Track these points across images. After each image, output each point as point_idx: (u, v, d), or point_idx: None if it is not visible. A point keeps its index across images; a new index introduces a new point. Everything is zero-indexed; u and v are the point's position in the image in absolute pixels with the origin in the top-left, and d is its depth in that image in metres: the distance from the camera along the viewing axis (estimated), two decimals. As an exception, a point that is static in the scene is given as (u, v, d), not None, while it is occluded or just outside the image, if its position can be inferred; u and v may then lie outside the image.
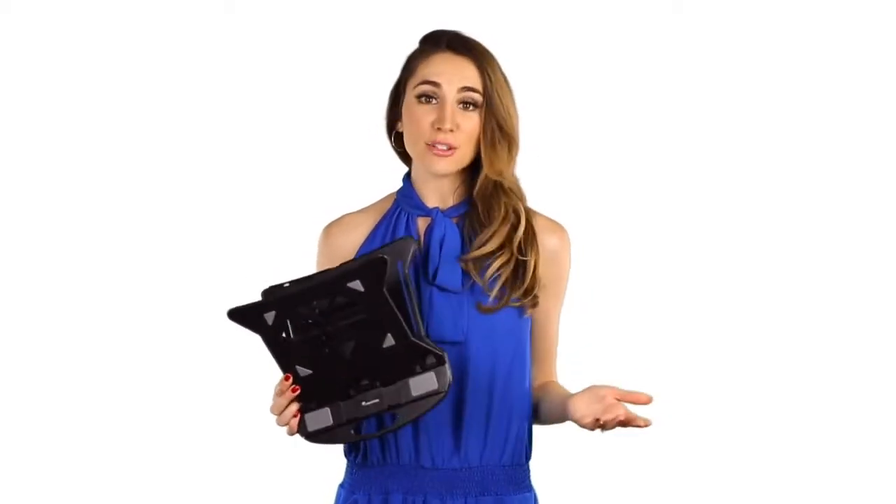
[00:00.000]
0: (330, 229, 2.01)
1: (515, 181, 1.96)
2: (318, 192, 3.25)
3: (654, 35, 3.49)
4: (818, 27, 3.47)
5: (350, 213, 2.02)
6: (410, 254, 1.83)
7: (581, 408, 1.82)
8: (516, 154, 1.95)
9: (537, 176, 2.04)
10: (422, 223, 1.96)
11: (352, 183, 2.59)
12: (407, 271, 1.82)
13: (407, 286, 1.82)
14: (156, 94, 3.50)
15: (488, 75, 1.92)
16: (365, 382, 1.79)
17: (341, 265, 1.81)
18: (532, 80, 3.18)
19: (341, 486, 2.01)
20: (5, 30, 3.48)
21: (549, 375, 2.02)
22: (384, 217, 1.99)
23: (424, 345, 1.78)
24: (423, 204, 1.96)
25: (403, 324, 1.77)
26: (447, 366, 1.79)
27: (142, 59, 3.50)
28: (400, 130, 1.97)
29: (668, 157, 3.51)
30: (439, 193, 1.96)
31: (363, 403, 1.79)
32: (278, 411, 1.82)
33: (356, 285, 1.74)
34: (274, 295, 1.81)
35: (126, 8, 3.49)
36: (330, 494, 2.04)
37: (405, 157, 2.01)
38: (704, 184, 3.51)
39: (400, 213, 1.98)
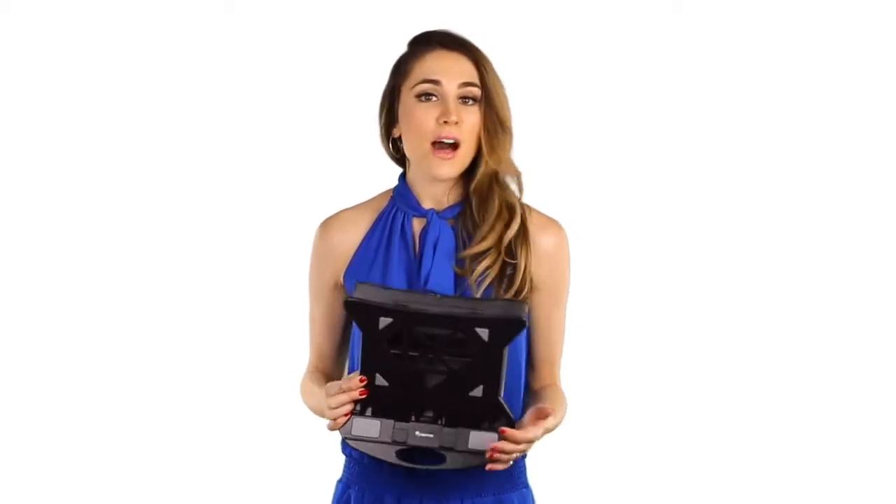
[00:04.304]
0: (327, 226, 2.00)
1: (516, 171, 1.95)
2: (318, 190, 3.25)
3: (654, 35, 3.48)
4: (818, 27, 3.47)
5: (346, 210, 2.01)
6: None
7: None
8: (511, 146, 1.95)
9: (536, 175, 2.04)
10: (417, 224, 1.96)
11: (349, 181, 2.59)
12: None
13: (507, 349, 1.79)
14: (156, 94, 3.50)
15: (484, 68, 1.92)
16: (429, 414, 1.79)
17: (475, 301, 1.78)
18: (532, 80, 3.20)
19: (339, 480, 2.01)
20: (5, 30, 3.49)
21: (549, 379, 1.99)
22: (381, 215, 1.98)
23: (504, 408, 1.78)
24: (418, 205, 1.96)
25: (501, 382, 1.76)
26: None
27: (142, 58, 3.50)
28: (396, 136, 1.96)
29: (668, 156, 3.51)
30: (435, 195, 1.95)
31: (417, 433, 1.79)
32: (336, 405, 1.79)
33: (483, 333, 1.72)
34: (385, 297, 1.77)
35: (126, 8, 3.49)
36: (329, 488, 2.04)
37: (401, 163, 2.00)
38: (704, 183, 3.50)
39: (396, 212, 1.97)
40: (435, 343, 1.73)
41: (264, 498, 3.41)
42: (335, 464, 2.04)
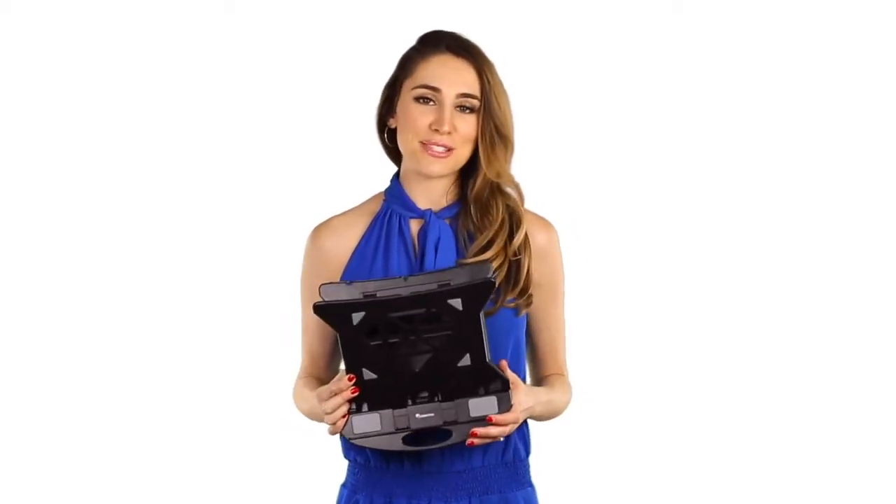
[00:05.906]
0: (319, 233, 1.99)
1: (515, 182, 1.96)
2: (314, 192, 3.24)
3: (654, 35, 3.49)
4: (818, 27, 3.47)
5: (338, 216, 2.01)
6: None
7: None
8: (512, 156, 1.95)
9: (537, 176, 2.05)
10: (414, 225, 1.96)
11: (345, 184, 2.59)
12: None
13: (483, 310, 1.81)
14: (156, 94, 3.50)
15: (487, 79, 1.92)
16: (424, 395, 1.79)
17: (439, 273, 1.80)
18: (532, 80, 3.20)
19: (343, 485, 2.01)
20: (5, 30, 3.48)
21: (554, 370, 2.00)
22: (376, 219, 1.98)
23: (495, 369, 1.79)
24: (414, 206, 1.95)
25: (485, 346, 1.77)
26: (510, 393, 1.80)
27: (142, 58, 3.50)
28: (392, 127, 1.97)
29: (668, 157, 3.51)
30: (431, 195, 1.95)
31: (417, 415, 1.80)
32: (332, 409, 1.80)
33: (456, 303, 1.74)
34: (348, 295, 1.79)
35: (126, 8, 3.49)
36: (332, 493, 2.04)
37: (394, 155, 2.01)
38: (703, 184, 3.51)
39: (392, 214, 1.96)
40: (412, 325, 1.75)
41: (266, 502, 3.41)
42: (337, 467, 2.04)
